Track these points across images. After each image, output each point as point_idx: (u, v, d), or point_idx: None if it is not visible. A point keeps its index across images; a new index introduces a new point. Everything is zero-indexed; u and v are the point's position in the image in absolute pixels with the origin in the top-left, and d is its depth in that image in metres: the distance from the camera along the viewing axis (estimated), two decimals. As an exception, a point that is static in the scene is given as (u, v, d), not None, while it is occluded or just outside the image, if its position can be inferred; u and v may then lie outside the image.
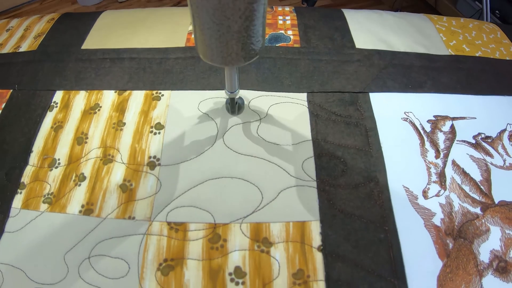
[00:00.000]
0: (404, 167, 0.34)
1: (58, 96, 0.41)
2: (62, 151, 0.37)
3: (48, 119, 0.39)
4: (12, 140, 0.38)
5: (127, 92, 0.40)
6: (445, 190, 0.33)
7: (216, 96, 0.38)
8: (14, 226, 0.32)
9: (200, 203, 0.31)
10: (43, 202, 0.33)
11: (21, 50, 0.47)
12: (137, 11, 0.50)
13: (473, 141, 0.36)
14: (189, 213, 0.31)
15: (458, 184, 0.34)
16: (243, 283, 0.28)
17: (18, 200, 0.34)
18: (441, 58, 0.42)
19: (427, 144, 0.36)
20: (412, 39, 0.44)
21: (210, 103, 0.38)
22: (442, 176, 0.34)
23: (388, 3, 1.14)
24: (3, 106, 0.42)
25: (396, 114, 0.37)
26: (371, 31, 0.45)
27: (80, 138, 0.37)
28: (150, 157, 0.35)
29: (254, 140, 0.35)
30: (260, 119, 0.36)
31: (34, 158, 0.37)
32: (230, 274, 0.28)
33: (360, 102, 0.38)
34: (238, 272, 0.28)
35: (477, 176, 0.34)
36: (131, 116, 0.38)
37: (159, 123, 0.37)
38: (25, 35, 0.49)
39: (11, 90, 0.43)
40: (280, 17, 0.47)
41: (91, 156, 0.36)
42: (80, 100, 0.41)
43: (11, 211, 0.33)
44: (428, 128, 0.37)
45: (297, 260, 0.29)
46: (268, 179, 0.32)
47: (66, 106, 0.40)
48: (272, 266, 0.28)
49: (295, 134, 0.35)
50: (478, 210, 0.32)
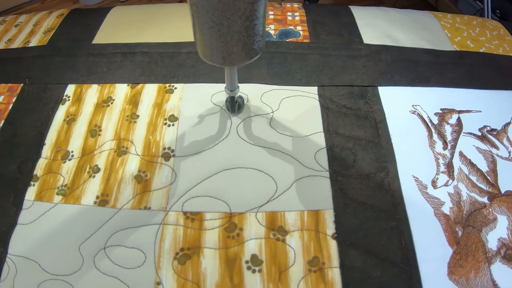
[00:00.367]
0: (413, 158, 0.35)
1: (70, 89, 0.42)
2: (76, 144, 0.37)
3: (61, 112, 0.40)
4: (24, 133, 0.39)
5: (140, 85, 0.41)
6: (453, 180, 0.34)
7: (228, 89, 0.39)
8: (28, 218, 0.32)
9: (216, 193, 0.32)
10: (57, 194, 0.34)
11: (30, 45, 0.47)
12: (146, 7, 0.51)
13: (479, 133, 0.38)
14: (204, 202, 0.32)
15: (466, 174, 0.35)
16: (260, 270, 0.28)
17: (31, 192, 0.34)
18: (446, 53, 0.43)
19: (435, 136, 0.37)
20: (418, 35, 0.45)
21: (222, 95, 0.39)
22: (450, 166, 0.35)
23: (389, 2, 1.16)
24: (14, 99, 0.42)
25: (404, 107, 0.38)
26: (378, 27, 0.46)
27: (94, 131, 0.38)
28: (164, 148, 0.35)
29: (267, 132, 0.35)
30: (272, 112, 0.37)
31: (47, 150, 0.37)
32: (247, 262, 0.29)
33: (369, 95, 0.39)
34: (255, 260, 0.29)
35: (483, 167, 0.35)
36: (145, 109, 0.39)
37: (172, 115, 0.38)
38: (34, 31, 0.49)
39: (22, 84, 0.43)
40: (289, 13, 0.48)
41: (105, 148, 0.36)
42: (92, 93, 0.41)
43: (24, 203, 0.33)
44: (435, 121, 0.38)
45: (312, 248, 0.29)
46: (282, 170, 0.33)
47: (79, 99, 0.41)
48: (288, 254, 0.29)
49: (307, 126, 0.36)
50: (485, 200, 0.33)
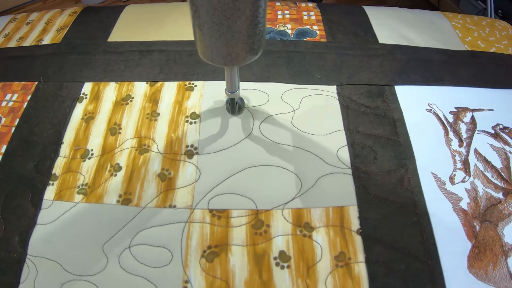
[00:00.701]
0: (431, 155, 0.36)
1: (87, 87, 0.41)
2: (95, 142, 0.37)
3: (78, 110, 0.39)
4: (41, 131, 0.38)
5: (159, 83, 0.41)
6: (469, 176, 0.35)
7: (249, 88, 0.39)
8: (47, 218, 0.32)
9: (241, 190, 0.32)
10: (78, 193, 0.33)
11: (44, 43, 0.46)
12: (159, 6, 0.50)
13: (492, 131, 0.39)
14: (230, 200, 0.32)
15: (481, 171, 0.36)
16: (288, 266, 0.29)
17: (50, 192, 0.34)
18: (458, 53, 0.45)
19: (451, 134, 0.38)
20: (430, 35, 0.46)
21: (243, 93, 0.39)
22: (466, 163, 0.36)
23: (392, 2, 1.17)
24: (28, 98, 0.42)
25: (420, 105, 0.39)
26: (392, 27, 0.47)
27: (113, 129, 0.38)
28: (187, 146, 0.35)
29: (290, 130, 0.36)
30: (293, 111, 0.37)
31: (65, 149, 0.37)
32: (275, 259, 0.29)
33: (387, 94, 0.39)
34: (283, 256, 0.29)
35: (497, 164, 0.36)
36: (165, 106, 0.39)
37: (194, 113, 0.38)
38: (46, 28, 0.48)
39: (36, 82, 0.43)
40: (305, 12, 0.48)
41: (126, 146, 0.36)
42: (110, 91, 0.41)
43: (43, 203, 0.33)
44: (450, 119, 0.39)
45: (338, 243, 0.30)
46: (305, 167, 0.33)
47: (96, 98, 0.40)
48: (315, 250, 0.30)
49: (327, 125, 0.37)
50: (500, 195, 0.34)
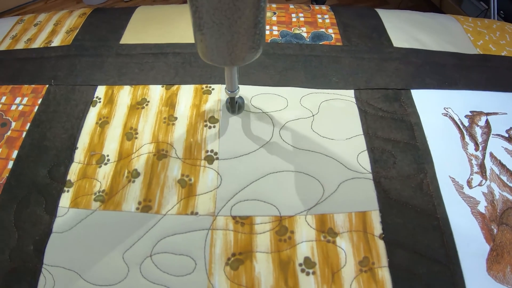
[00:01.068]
0: (448, 159, 0.36)
1: (101, 91, 0.41)
2: (111, 147, 0.36)
3: (92, 115, 0.39)
4: (54, 136, 0.38)
5: (175, 86, 0.40)
6: (486, 180, 0.36)
7: (267, 92, 0.39)
8: (63, 226, 0.31)
9: (264, 196, 0.32)
10: (95, 200, 0.33)
11: (53, 44, 0.45)
12: (171, 7, 0.50)
13: (506, 134, 0.39)
14: (253, 206, 0.32)
15: (497, 174, 0.36)
16: (314, 273, 0.29)
17: (65, 199, 0.33)
18: (470, 57, 0.45)
19: (467, 138, 0.38)
20: (443, 39, 0.47)
21: (262, 98, 0.39)
22: (482, 167, 0.37)
23: (393, 3, 1.18)
24: (39, 101, 0.41)
25: (436, 109, 0.39)
26: (405, 30, 0.47)
27: (130, 134, 0.37)
28: (207, 151, 0.35)
29: (310, 135, 0.36)
30: (313, 115, 0.37)
31: (80, 154, 0.36)
32: (300, 265, 0.29)
33: (403, 98, 0.40)
34: (308, 263, 0.29)
35: (512, 167, 0.37)
36: (182, 110, 0.38)
37: (212, 117, 0.37)
38: (56, 30, 0.47)
39: (47, 86, 0.42)
40: (319, 15, 0.48)
41: (143, 151, 0.36)
42: (125, 95, 0.40)
43: (58, 211, 0.32)
44: (466, 123, 0.39)
45: (361, 248, 0.30)
46: (327, 172, 0.34)
47: (111, 101, 0.40)
48: (339, 255, 0.30)
49: (347, 129, 0.37)
50: (516, 198, 0.35)
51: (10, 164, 0.36)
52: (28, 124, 0.39)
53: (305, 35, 0.46)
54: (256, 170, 0.34)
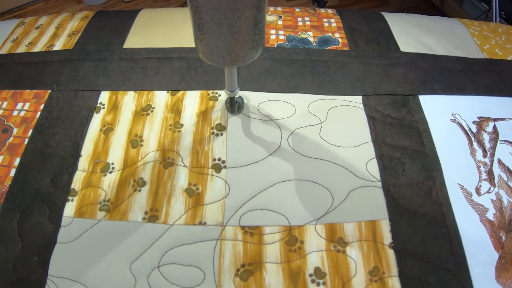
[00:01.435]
0: (457, 166, 0.36)
1: (104, 96, 0.40)
2: (116, 155, 0.36)
3: (96, 121, 0.38)
4: (56, 143, 0.37)
5: (181, 92, 0.40)
6: (494, 187, 0.36)
7: (274, 99, 0.39)
8: (68, 236, 0.31)
9: (273, 206, 0.32)
10: (100, 210, 0.32)
11: (55, 48, 0.44)
12: (176, 10, 0.49)
13: (513, 140, 0.39)
14: (262, 216, 0.31)
15: (505, 181, 0.36)
16: (324, 283, 0.29)
17: (70, 208, 0.32)
18: (477, 61, 0.45)
19: (475, 144, 0.38)
20: (449, 43, 0.46)
21: (269, 105, 0.38)
22: (490, 174, 0.36)
23: (394, 4, 1.17)
24: (41, 107, 0.40)
25: (444, 115, 0.39)
26: (412, 34, 0.47)
27: (135, 141, 0.36)
28: (214, 159, 0.35)
29: (318, 143, 0.36)
30: (321, 123, 0.37)
31: (84, 162, 0.36)
32: (311, 276, 0.29)
33: (411, 104, 0.39)
34: (318, 273, 0.29)
35: (520, 174, 0.37)
36: (188, 117, 0.38)
37: (219, 124, 0.37)
38: (57, 33, 0.46)
39: (49, 91, 0.41)
40: (325, 19, 0.47)
41: (149, 159, 0.35)
42: (129, 101, 0.39)
43: (63, 220, 0.32)
44: (474, 129, 0.39)
45: (372, 258, 0.30)
46: (336, 181, 0.33)
47: (115, 107, 0.39)
48: (349, 265, 0.30)
49: (355, 136, 0.36)
50: (524, 205, 0.35)
51: (13, 172, 0.35)
52: (31, 130, 0.38)
53: (311, 39, 0.45)
54: (265, 179, 0.33)
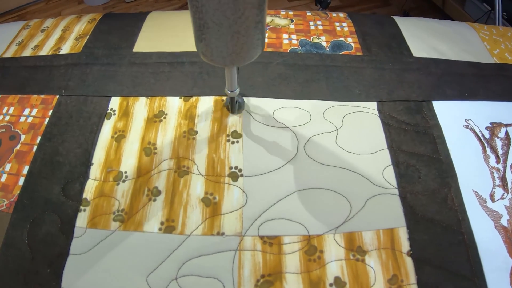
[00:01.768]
0: (471, 172, 0.36)
1: (115, 102, 0.39)
2: (128, 163, 0.35)
3: (107, 128, 0.37)
4: (66, 151, 0.36)
5: (194, 98, 0.39)
6: (508, 193, 0.36)
7: (289, 106, 0.38)
8: (81, 248, 0.30)
9: (291, 215, 0.32)
10: (114, 220, 0.32)
11: (62, 52, 0.43)
12: (185, 13, 0.48)
13: (525, 146, 0.39)
14: (281, 225, 0.31)
15: (518, 187, 0.37)
16: (344, 292, 0.29)
17: (82, 219, 0.32)
18: (488, 66, 0.45)
19: (488, 150, 0.38)
20: (460, 47, 0.46)
21: (284, 112, 0.38)
22: (504, 180, 0.37)
23: (396, 4, 1.17)
24: (49, 113, 0.39)
25: (458, 121, 0.39)
26: (423, 39, 0.46)
27: (148, 149, 0.36)
28: (231, 167, 0.34)
29: (334, 151, 0.35)
30: (337, 129, 0.37)
31: (95, 171, 0.35)
32: (331, 285, 0.29)
33: (425, 110, 0.39)
34: (338, 282, 0.29)
35: (532, 179, 0.37)
36: (203, 124, 0.37)
37: (235, 131, 0.36)
38: (64, 36, 0.45)
39: (57, 96, 0.40)
40: (337, 23, 0.47)
41: (163, 167, 0.35)
42: (141, 107, 0.39)
43: (75, 231, 0.31)
44: (487, 135, 0.39)
45: (390, 266, 0.30)
46: (353, 189, 0.33)
47: (126, 114, 0.38)
48: (368, 274, 0.30)
49: (371, 143, 0.36)
50: (536, 211, 0.35)
51: (21, 181, 0.34)
52: (39, 137, 0.37)
53: (324, 44, 0.45)
54: (282, 188, 0.33)
